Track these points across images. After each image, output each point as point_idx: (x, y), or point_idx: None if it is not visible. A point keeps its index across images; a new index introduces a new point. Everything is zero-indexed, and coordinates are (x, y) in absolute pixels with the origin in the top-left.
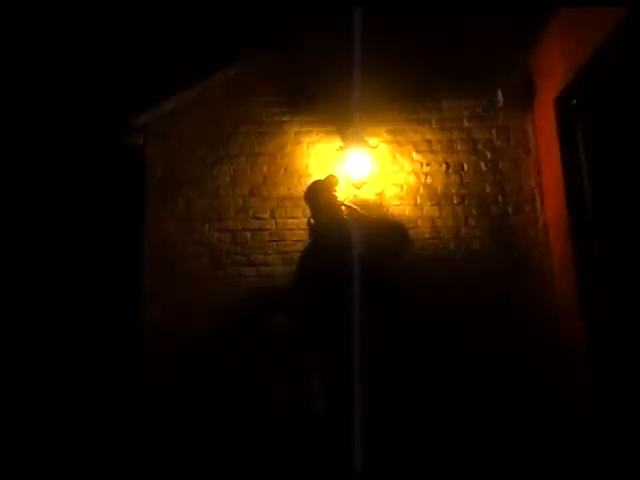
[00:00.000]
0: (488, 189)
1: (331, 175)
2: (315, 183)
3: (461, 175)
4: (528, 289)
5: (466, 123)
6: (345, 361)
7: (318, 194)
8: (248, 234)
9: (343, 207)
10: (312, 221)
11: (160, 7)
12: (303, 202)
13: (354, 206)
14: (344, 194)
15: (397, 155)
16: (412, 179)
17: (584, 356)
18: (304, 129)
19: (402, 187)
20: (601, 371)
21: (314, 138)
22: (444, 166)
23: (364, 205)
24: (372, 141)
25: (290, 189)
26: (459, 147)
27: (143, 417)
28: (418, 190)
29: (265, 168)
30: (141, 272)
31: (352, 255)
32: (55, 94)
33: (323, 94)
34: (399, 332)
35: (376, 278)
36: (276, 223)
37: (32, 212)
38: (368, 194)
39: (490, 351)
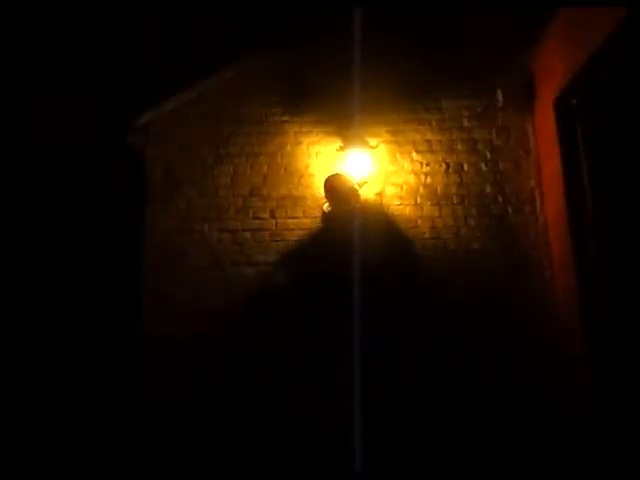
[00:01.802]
0: (488, 189)
1: (338, 174)
2: (329, 179)
3: (461, 175)
4: (528, 289)
5: (466, 123)
6: (344, 360)
7: (333, 190)
8: (248, 234)
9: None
10: (326, 210)
11: (160, 7)
12: (303, 202)
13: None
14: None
15: (397, 155)
16: (412, 179)
17: (584, 356)
18: (304, 129)
19: (402, 187)
20: (601, 371)
21: (314, 138)
22: (444, 166)
23: (364, 205)
24: (372, 141)
25: (290, 189)
26: (459, 147)
27: (143, 416)
28: (418, 190)
29: (265, 168)
30: (141, 272)
31: (354, 256)
32: (55, 94)
33: (323, 94)
34: (398, 331)
35: (375, 277)
36: (276, 223)
37: (32, 212)
38: (368, 194)
39: (490, 351)
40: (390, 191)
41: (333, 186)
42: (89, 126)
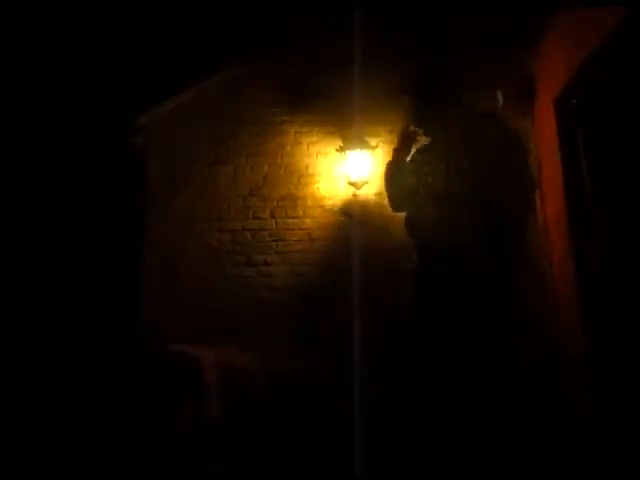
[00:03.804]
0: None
1: None
2: None
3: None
4: (528, 289)
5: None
6: (344, 359)
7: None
8: (248, 234)
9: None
10: None
11: (160, 7)
12: (303, 202)
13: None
14: (344, 194)
15: None
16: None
17: (584, 356)
18: (304, 129)
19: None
20: (601, 371)
21: (314, 138)
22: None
23: (364, 205)
24: (372, 141)
25: (290, 189)
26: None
27: (143, 416)
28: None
29: (265, 168)
30: (141, 272)
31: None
32: (55, 94)
33: (323, 94)
34: (397, 331)
35: (375, 277)
36: (276, 223)
37: (30, 213)
38: (368, 194)
39: (489, 351)
40: None
41: None
42: (89, 126)
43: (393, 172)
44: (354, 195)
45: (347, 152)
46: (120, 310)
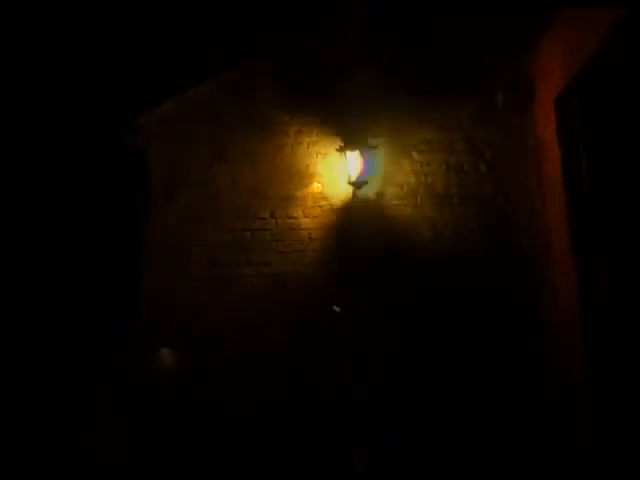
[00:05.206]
0: (488, 189)
1: None
2: None
3: (461, 175)
4: (528, 289)
5: (466, 123)
6: (343, 357)
7: None
8: (248, 234)
9: None
10: None
11: (161, 7)
12: (303, 202)
13: None
14: (344, 194)
15: (397, 155)
16: (412, 179)
17: (584, 355)
18: (304, 129)
19: (402, 187)
20: (601, 371)
21: (314, 138)
22: (444, 166)
23: (364, 205)
24: (372, 141)
25: (290, 189)
26: (459, 147)
27: (144, 416)
28: (418, 190)
29: (265, 168)
30: (141, 272)
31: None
32: (56, 95)
33: (323, 94)
34: (398, 331)
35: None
36: (276, 223)
37: (33, 213)
38: (368, 194)
39: (490, 351)
40: (390, 191)
41: None
42: (90, 127)
43: None
44: (354, 195)
45: (347, 152)
46: (120, 309)
